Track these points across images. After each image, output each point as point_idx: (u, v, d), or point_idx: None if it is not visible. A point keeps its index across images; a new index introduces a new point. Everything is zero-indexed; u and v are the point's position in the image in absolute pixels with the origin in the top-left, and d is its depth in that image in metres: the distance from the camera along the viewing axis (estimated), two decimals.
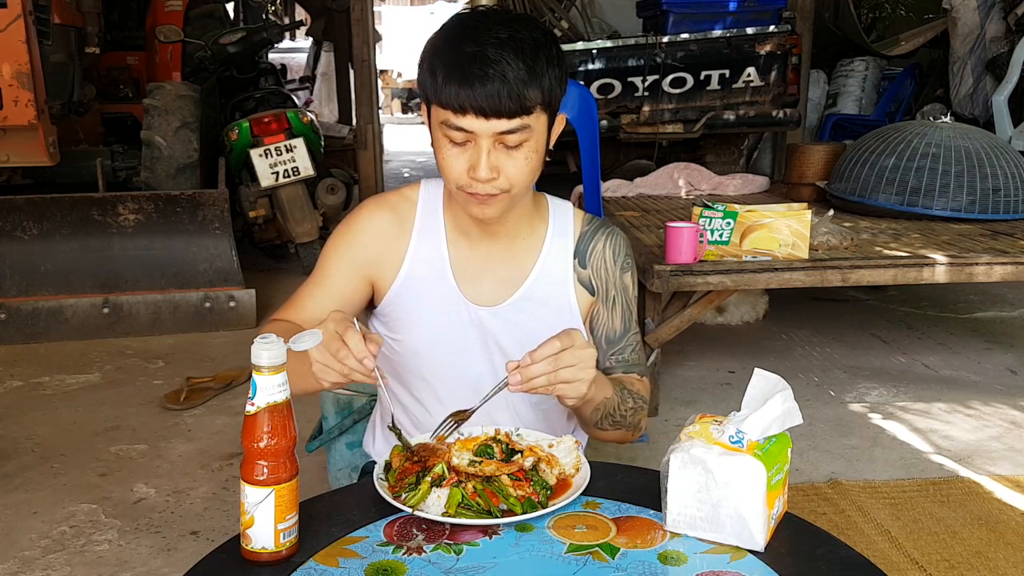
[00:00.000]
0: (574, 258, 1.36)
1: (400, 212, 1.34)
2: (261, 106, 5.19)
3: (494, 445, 1.11)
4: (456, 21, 1.20)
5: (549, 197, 1.40)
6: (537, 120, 1.17)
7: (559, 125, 1.25)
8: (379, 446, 1.47)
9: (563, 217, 1.38)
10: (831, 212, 3.29)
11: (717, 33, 5.35)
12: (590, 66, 5.30)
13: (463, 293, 1.32)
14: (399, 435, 1.16)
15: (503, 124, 1.14)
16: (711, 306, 3.03)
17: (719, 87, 5.42)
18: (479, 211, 1.22)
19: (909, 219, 3.56)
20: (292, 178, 4.62)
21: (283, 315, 1.33)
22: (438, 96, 1.15)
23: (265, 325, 1.27)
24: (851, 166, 3.75)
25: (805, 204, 2.94)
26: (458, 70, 1.13)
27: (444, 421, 1.17)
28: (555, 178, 1.27)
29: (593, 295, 1.37)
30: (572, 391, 1.11)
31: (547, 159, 1.25)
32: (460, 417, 1.17)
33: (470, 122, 1.14)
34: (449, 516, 1.01)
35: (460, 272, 1.32)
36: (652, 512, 1.07)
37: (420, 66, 1.20)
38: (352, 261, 1.33)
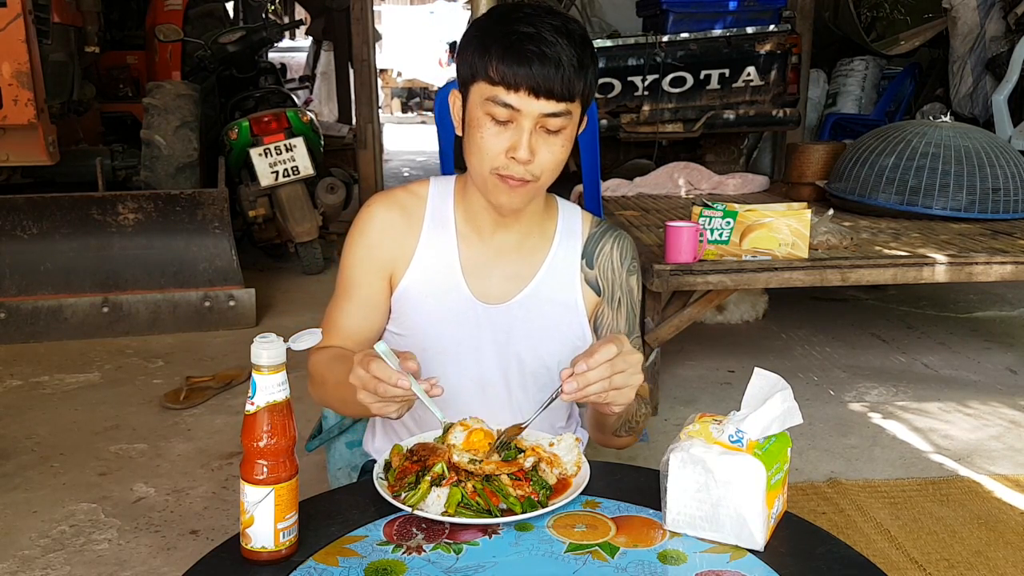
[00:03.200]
0: (582, 258, 1.37)
1: (408, 209, 1.35)
2: (261, 105, 5.19)
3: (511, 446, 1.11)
4: (504, 8, 1.22)
5: (558, 198, 1.41)
6: (576, 109, 1.20)
7: (583, 123, 1.27)
8: (379, 444, 1.47)
9: (571, 218, 1.39)
10: (831, 211, 3.29)
11: (717, 32, 5.35)
12: None
13: (471, 290, 1.32)
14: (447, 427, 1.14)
15: (551, 106, 1.16)
16: (711, 305, 3.03)
17: (719, 86, 5.42)
18: (508, 199, 1.22)
19: (909, 218, 3.56)
20: (292, 177, 4.62)
21: (324, 341, 1.30)
22: (489, 72, 1.16)
23: (312, 356, 1.28)
24: (851, 166, 3.75)
25: (805, 203, 2.94)
26: (516, 47, 1.14)
27: (500, 436, 1.14)
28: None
29: (599, 295, 1.38)
30: (622, 398, 1.10)
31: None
32: (514, 432, 1.14)
33: (520, 99, 1.15)
34: (449, 515, 1.01)
35: (469, 269, 1.33)
36: (652, 511, 1.07)
37: (465, 45, 1.21)
38: (372, 264, 1.33)
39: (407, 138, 12.31)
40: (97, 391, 3.25)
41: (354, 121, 6.32)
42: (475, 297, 1.32)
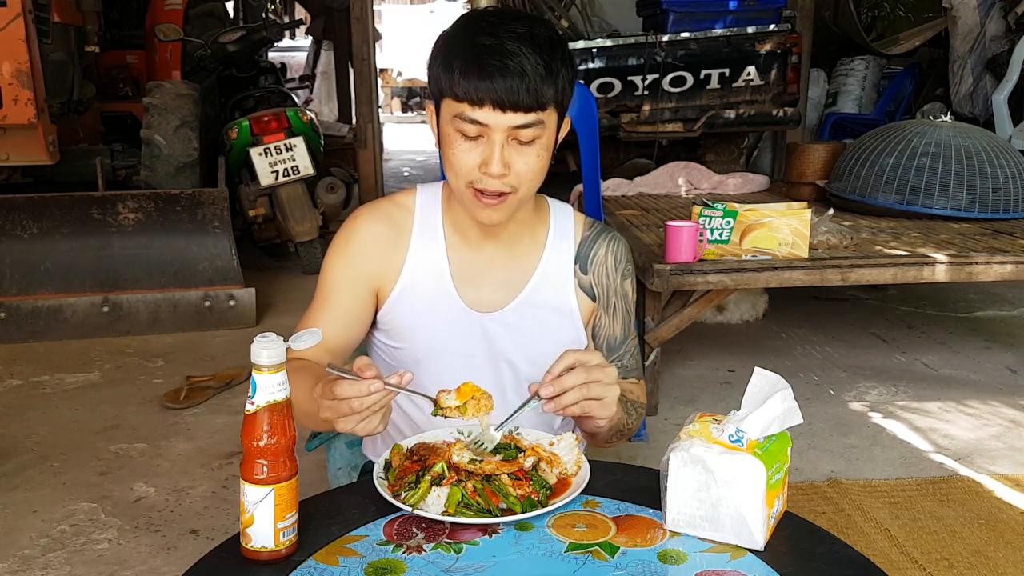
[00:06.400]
0: (575, 263, 1.35)
1: (395, 220, 1.33)
2: (261, 105, 5.19)
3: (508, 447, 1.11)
4: (470, 17, 1.20)
5: (549, 200, 1.39)
6: (549, 118, 1.17)
7: (565, 127, 1.25)
8: (379, 448, 1.47)
9: (564, 221, 1.37)
10: (831, 211, 3.29)
11: (717, 32, 5.35)
12: (590, 65, 5.30)
13: (463, 299, 1.31)
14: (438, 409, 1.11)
15: (519, 118, 1.13)
16: (711, 305, 3.03)
17: (719, 86, 5.42)
18: (486, 216, 1.21)
19: (909, 218, 3.56)
20: (292, 177, 4.62)
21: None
22: (453, 89, 1.14)
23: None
24: (851, 165, 3.75)
25: (805, 203, 2.94)
26: (477, 62, 1.11)
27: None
28: (555, 177, 1.27)
29: (594, 301, 1.37)
30: (603, 410, 1.11)
31: (552, 159, 1.24)
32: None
33: (486, 115, 1.13)
34: (449, 515, 1.01)
35: (460, 278, 1.31)
36: (652, 511, 1.07)
37: (432, 60, 1.18)
38: (354, 276, 1.30)
39: (407, 138, 12.30)
40: (97, 391, 3.25)
41: (354, 121, 6.32)
42: (467, 306, 1.31)
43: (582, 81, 5.09)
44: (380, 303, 1.33)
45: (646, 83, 5.33)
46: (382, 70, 13.73)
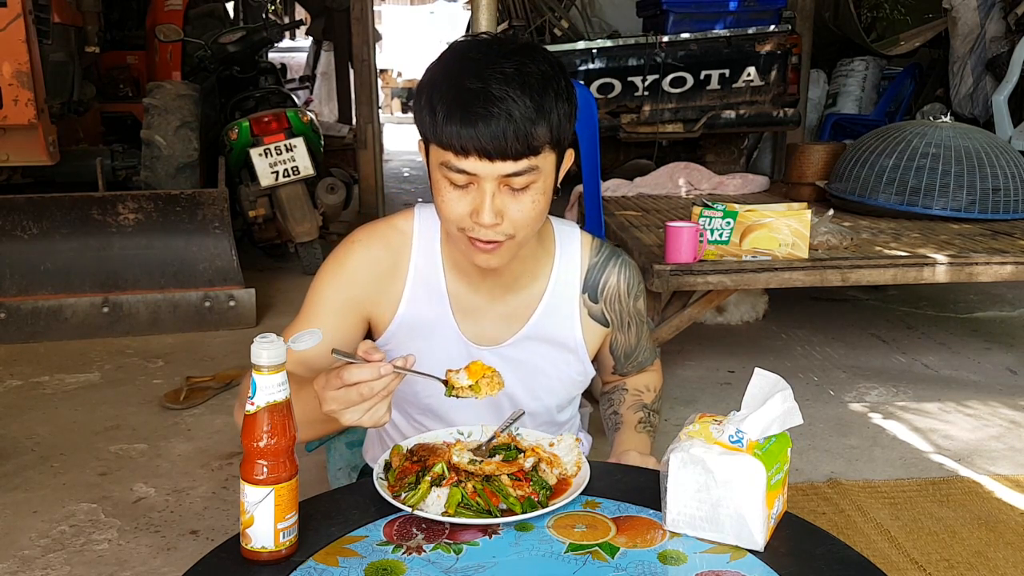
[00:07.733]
0: (583, 292, 1.31)
1: (394, 247, 1.27)
2: (261, 105, 5.19)
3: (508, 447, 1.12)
4: (456, 53, 1.11)
5: (555, 223, 1.33)
6: (545, 160, 1.10)
7: (567, 161, 1.17)
8: (379, 454, 1.46)
9: (570, 248, 1.32)
10: (831, 212, 3.29)
11: (717, 33, 5.36)
12: (590, 65, 5.31)
13: (463, 332, 1.27)
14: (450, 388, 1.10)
15: (509, 166, 1.06)
16: (711, 305, 3.03)
17: (719, 87, 5.43)
18: (483, 260, 1.15)
19: (909, 219, 3.56)
20: (292, 177, 4.62)
21: None
22: (437, 136, 1.08)
23: (244, 381, 1.21)
24: (851, 166, 3.75)
25: (805, 204, 2.94)
26: (459, 108, 1.04)
27: (506, 420, 1.19)
28: None
29: (607, 326, 1.35)
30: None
31: (554, 196, 1.18)
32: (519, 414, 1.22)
33: (473, 164, 1.06)
34: (449, 516, 1.01)
35: (460, 310, 1.27)
36: (652, 512, 1.07)
37: (417, 101, 1.12)
38: (344, 300, 1.25)
39: (407, 138, 12.29)
40: (97, 391, 3.25)
41: (354, 121, 6.33)
42: (468, 339, 1.27)
43: (582, 82, 5.10)
44: (378, 332, 1.29)
45: (646, 84, 5.34)
46: (382, 71, 13.72)
